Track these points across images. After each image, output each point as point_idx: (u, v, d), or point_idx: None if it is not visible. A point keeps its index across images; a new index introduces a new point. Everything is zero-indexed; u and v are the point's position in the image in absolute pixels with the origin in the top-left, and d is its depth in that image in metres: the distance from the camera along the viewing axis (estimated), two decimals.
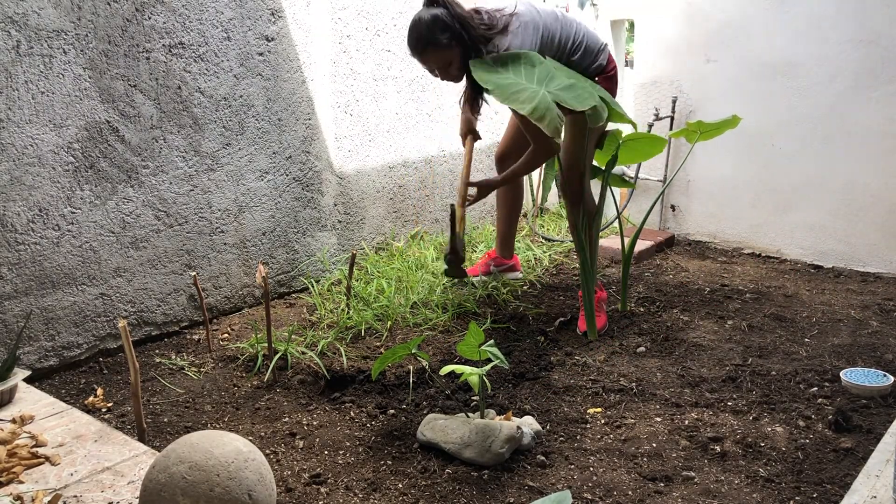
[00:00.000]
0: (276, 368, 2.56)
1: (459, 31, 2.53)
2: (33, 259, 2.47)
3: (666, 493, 1.86)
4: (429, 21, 2.53)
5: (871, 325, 2.92)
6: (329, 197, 3.45)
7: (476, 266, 3.45)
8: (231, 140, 3.00)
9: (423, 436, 2.08)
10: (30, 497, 1.66)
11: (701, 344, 2.75)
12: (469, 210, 4.26)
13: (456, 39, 2.54)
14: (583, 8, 4.31)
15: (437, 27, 2.52)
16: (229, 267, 3.08)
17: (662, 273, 3.64)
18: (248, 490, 1.47)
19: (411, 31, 2.59)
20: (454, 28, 2.52)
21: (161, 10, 2.68)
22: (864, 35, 3.44)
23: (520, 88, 2.40)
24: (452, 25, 2.52)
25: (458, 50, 2.55)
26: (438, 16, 2.52)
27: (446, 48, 2.55)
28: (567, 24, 2.72)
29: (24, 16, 2.34)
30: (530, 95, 2.37)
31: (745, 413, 2.25)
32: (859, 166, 3.57)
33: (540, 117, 2.32)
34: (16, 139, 2.38)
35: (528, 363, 2.61)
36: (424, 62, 2.65)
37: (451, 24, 2.51)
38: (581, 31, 2.76)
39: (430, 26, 2.53)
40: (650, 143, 3.02)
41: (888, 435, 1.98)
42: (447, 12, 2.53)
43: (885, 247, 3.57)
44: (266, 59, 3.07)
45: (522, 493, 1.87)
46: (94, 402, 2.35)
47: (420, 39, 2.56)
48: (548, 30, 2.66)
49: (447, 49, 2.55)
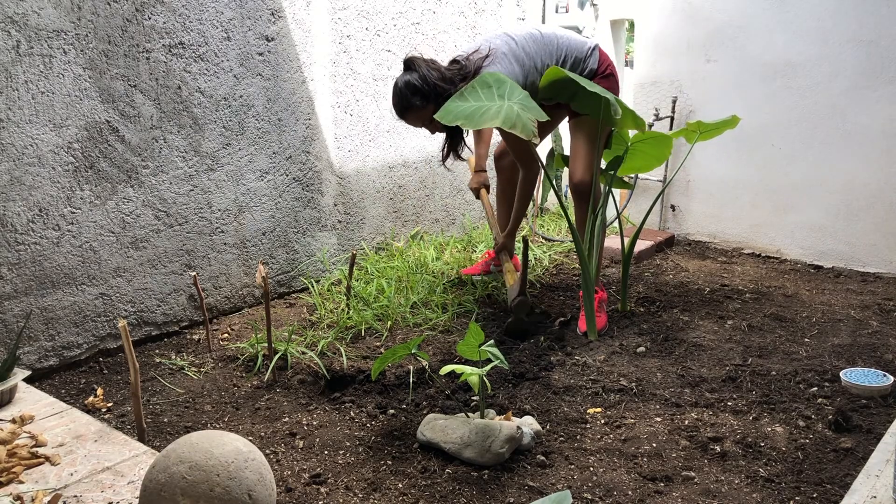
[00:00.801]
0: (276, 368, 2.56)
1: (430, 90, 2.72)
2: (33, 259, 2.47)
3: (666, 493, 1.86)
4: (402, 87, 2.75)
5: (871, 325, 2.92)
6: (329, 197, 3.45)
7: (476, 266, 3.46)
8: (231, 140, 3.00)
9: (423, 436, 2.08)
10: (30, 497, 1.66)
11: (701, 344, 2.75)
12: (470, 211, 4.26)
13: (429, 99, 2.73)
14: (583, 8, 4.32)
15: (410, 92, 2.74)
16: (229, 267, 3.08)
17: (662, 273, 3.64)
18: (248, 490, 1.47)
19: (392, 97, 2.81)
20: (425, 89, 2.72)
21: (161, 10, 2.68)
22: (864, 35, 3.44)
23: (485, 109, 2.49)
24: (422, 87, 2.72)
25: (432, 107, 2.74)
26: (409, 81, 2.73)
27: (422, 108, 2.76)
28: (548, 42, 2.82)
29: (24, 16, 2.34)
30: (496, 111, 2.45)
31: (745, 413, 2.25)
32: (859, 166, 3.57)
33: (512, 126, 2.40)
34: (16, 139, 2.38)
35: (528, 363, 2.61)
36: (408, 122, 2.87)
37: (422, 87, 2.72)
38: (563, 45, 2.83)
39: (404, 92, 2.75)
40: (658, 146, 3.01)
41: (888, 435, 1.97)
42: (418, 75, 2.73)
43: (885, 247, 3.57)
44: (266, 59, 3.07)
45: (522, 493, 1.87)
46: (94, 402, 2.35)
47: (397, 105, 2.80)
48: (527, 54, 2.78)
49: (423, 109, 2.76)
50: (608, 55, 2.95)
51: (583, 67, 2.84)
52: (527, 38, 2.82)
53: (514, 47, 2.79)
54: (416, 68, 2.75)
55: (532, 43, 2.81)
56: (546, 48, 2.81)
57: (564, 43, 2.84)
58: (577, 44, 2.86)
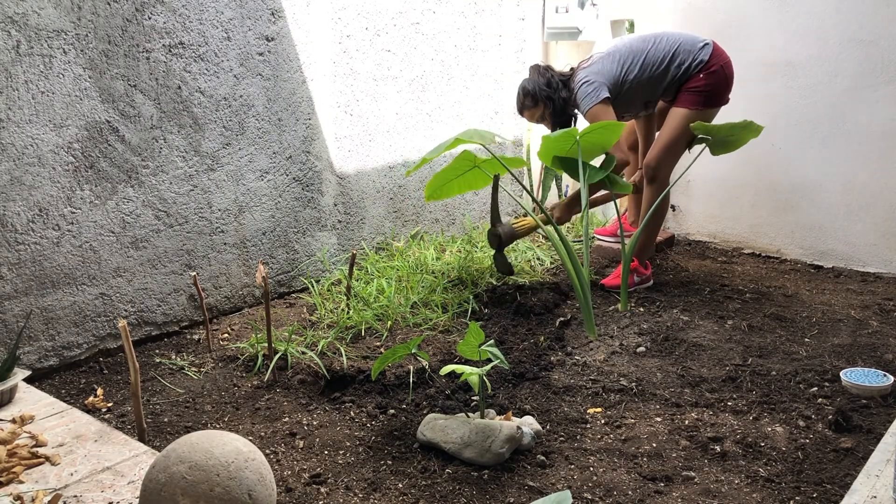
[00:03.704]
0: (276, 368, 2.56)
1: (538, 93, 3.30)
2: (33, 259, 2.47)
3: (666, 493, 1.86)
4: (519, 90, 3.38)
5: (871, 325, 2.92)
6: (329, 197, 3.45)
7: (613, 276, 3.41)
8: (231, 140, 3.00)
9: (423, 436, 2.08)
10: (30, 497, 1.66)
11: (701, 344, 2.75)
12: (470, 211, 4.26)
13: (538, 100, 3.31)
14: (583, 8, 4.31)
15: (522, 94, 3.36)
16: (229, 267, 3.08)
17: (662, 273, 3.64)
18: (248, 490, 1.47)
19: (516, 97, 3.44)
20: (533, 92, 3.31)
21: (161, 10, 2.68)
22: (864, 35, 3.44)
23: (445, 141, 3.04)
24: (532, 91, 3.31)
25: (542, 107, 3.33)
26: (523, 84, 3.35)
27: (532, 107, 3.35)
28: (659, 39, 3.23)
29: (24, 16, 2.34)
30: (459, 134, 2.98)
31: (745, 413, 2.25)
32: (859, 166, 3.57)
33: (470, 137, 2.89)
34: (16, 139, 2.38)
35: (528, 363, 2.61)
36: (526, 119, 3.47)
37: (532, 90, 3.31)
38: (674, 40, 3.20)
39: (519, 94, 3.38)
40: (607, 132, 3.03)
41: (888, 435, 1.98)
42: (529, 80, 3.34)
43: (885, 247, 3.57)
44: (266, 59, 3.07)
45: (522, 493, 1.87)
46: (94, 402, 2.35)
47: (517, 104, 3.44)
48: (631, 52, 3.21)
49: (534, 108, 3.35)
50: (724, 53, 3.20)
51: (693, 58, 3.15)
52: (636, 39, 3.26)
53: (618, 46, 3.25)
54: (530, 74, 3.37)
55: (640, 42, 3.23)
56: (657, 45, 3.20)
57: (677, 38, 3.21)
58: (689, 39, 3.20)
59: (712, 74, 3.13)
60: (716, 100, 3.19)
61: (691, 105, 3.16)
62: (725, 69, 3.16)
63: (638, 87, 3.21)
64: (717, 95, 3.18)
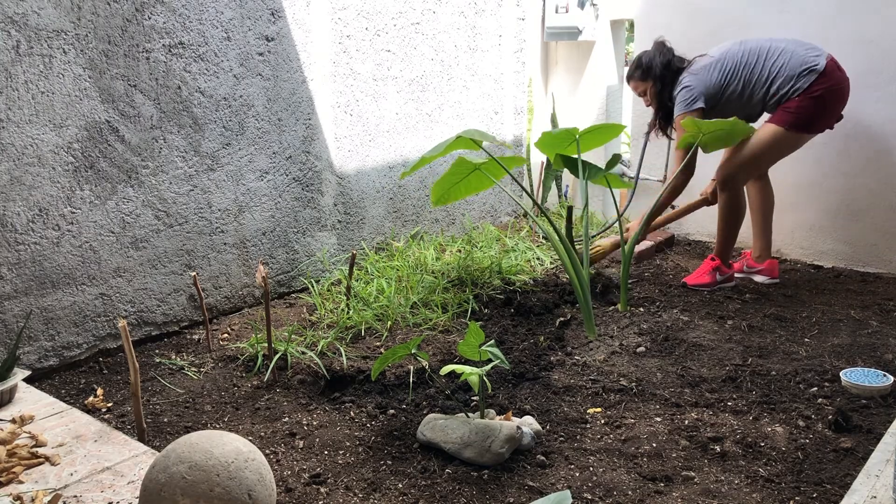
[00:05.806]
0: (276, 368, 2.56)
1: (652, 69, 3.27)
2: (33, 259, 2.47)
3: (666, 493, 1.86)
4: (636, 58, 3.35)
5: (871, 325, 2.92)
6: (329, 197, 3.45)
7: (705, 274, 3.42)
8: (231, 140, 3.00)
9: (423, 436, 2.08)
10: (30, 497, 1.66)
11: (701, 344, 2.75)
12: (470, 211, 4.26)
13: (648, 75, 3.29)
14: (583, 8, 4.31)
15: (635, 64, 3.34)
16: (229, 267, 3.09)
17: (662, 273, 3.64)
18: (248, 490, 1.47)
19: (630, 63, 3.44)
20: (648, 67, 3.27)
21: (161, 10, 2.68)
22: (864, 35, 3.44)
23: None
24: (647, 64, 3.28)
25: (650, 83, 3.30)
26: (641, 55, 3.32)
27: (641, 80, 3.34)
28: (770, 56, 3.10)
29: (24, 16, 2.34)
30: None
31: (745, 413, 2.25)
32: (859, 166, 3.57)
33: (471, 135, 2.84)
34: (16, 139, 2.38)
35: (528, 363, 2.61)
36: (630, 87, 3.48)
37: (647, 64, 3.28)
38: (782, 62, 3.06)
39: (634, 62, 3.35)
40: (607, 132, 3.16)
41: (888, 435, 1.98)
42: (649, 54, 3.30)
43: (885, 247, 3.57)
44: (266, 59, 3.07)
45: (522, 493, 1.87)
46: (94, 402, 2.35)
47: (628, 71, 3.42)
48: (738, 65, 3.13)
49: (642, 81, 3.33)
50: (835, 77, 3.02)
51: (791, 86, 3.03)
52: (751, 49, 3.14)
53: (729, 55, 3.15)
54: (653, 47, 3.31)
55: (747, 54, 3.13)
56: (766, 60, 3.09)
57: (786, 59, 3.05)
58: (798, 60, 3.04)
59: (809, 99, 3.00)
60: (808, 125, 3.05)
61: (780, 122, 3.06)
62: (828, 95, 3.00)
63: (736, 102, 3.15)
64: (810, 120, 3.04)
